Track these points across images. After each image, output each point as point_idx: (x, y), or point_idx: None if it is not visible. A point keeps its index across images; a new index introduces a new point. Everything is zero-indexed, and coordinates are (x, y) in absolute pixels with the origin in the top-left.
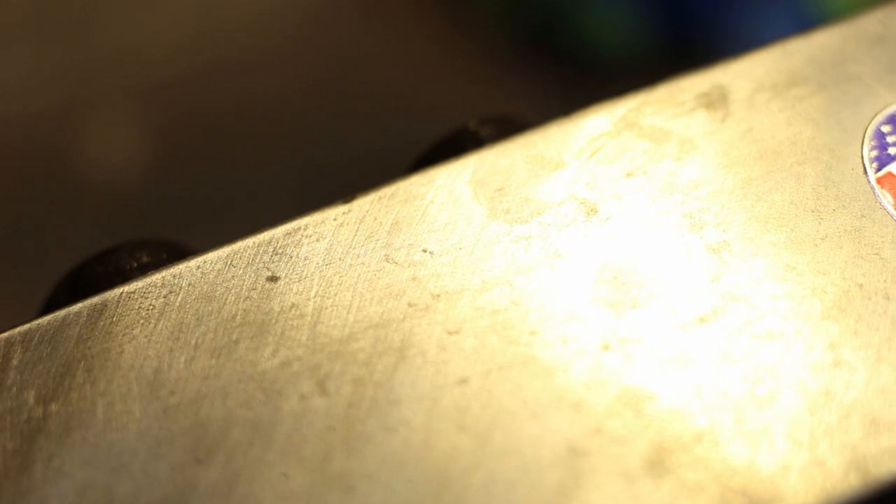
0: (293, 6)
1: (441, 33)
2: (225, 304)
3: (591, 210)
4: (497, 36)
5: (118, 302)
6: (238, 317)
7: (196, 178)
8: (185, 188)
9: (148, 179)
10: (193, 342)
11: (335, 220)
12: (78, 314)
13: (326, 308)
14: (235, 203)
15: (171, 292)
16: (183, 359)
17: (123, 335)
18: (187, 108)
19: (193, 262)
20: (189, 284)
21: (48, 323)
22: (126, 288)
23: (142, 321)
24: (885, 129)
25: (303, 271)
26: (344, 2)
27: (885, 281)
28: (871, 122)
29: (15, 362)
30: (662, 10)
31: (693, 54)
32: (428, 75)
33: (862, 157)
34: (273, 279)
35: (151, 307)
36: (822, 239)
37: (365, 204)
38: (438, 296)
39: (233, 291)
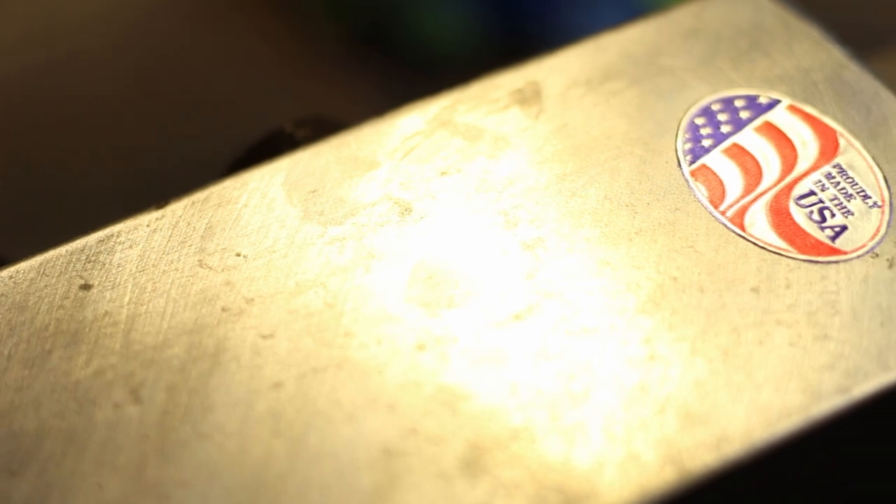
0: (119, 7)
1: (272, 33)
2: (38, 313)
3: (406, 210)
4: (329, 35)
5: None
6: (51, 326)
7: (16, 184)
8: (4, 195)
9: None
10: (6, 353)
11: (148, 225)
12: None
13: (140, 315)
14: (55, 209)
15: None
16: None
17: None
18: (6, 114)
19: (6, 272)
20: (1, 295)
21: None
22: None
23: None
24: (699, 121)
25: (116, 279)
26: (173, 2)
27: (699, 273)
28: (684, 114)
29: None
30: (496, 6)
31: (528, 50)
32: (258, 76)
33: (676, 150)
34: (86, 287)
35: None
36: (636, 233)
37: (178, 209)
38: (252, 300)
39: (45, 301)
